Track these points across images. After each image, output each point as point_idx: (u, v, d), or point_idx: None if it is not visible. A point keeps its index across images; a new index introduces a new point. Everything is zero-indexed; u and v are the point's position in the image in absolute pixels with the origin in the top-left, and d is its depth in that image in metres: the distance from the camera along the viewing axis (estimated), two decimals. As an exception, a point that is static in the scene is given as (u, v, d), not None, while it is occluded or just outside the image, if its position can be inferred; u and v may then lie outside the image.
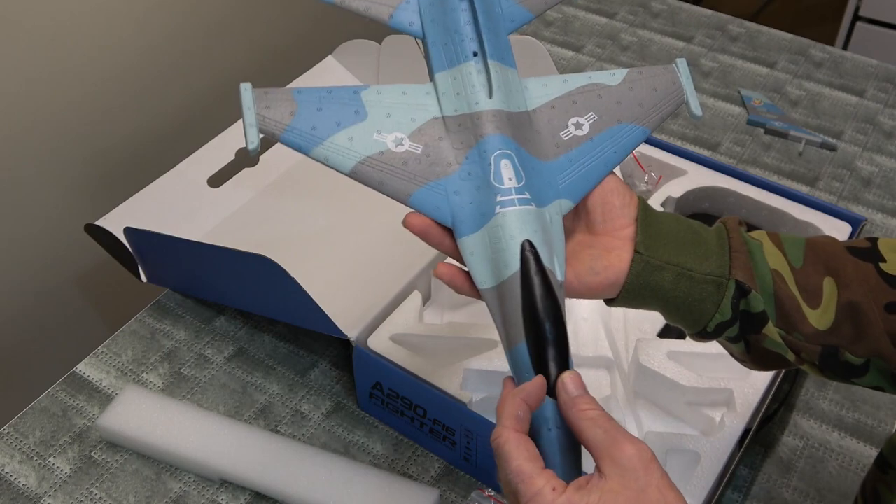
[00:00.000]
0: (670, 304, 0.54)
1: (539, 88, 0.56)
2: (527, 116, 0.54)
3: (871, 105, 1.19)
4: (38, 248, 1.00)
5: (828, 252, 0.55)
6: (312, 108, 0.53)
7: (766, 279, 0.54)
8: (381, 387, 0.78)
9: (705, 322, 0.54)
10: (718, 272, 0.53)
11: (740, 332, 0.55)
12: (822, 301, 0.54)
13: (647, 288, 0.54)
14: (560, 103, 0.55)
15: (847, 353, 0.54)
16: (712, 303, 0.54)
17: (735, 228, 0.56)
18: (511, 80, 0.55)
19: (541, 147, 0.54)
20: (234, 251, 0.78)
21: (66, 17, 0.93)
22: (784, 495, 0.77)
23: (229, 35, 1.14)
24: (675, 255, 0.54)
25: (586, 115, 0.55)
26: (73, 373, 0.85)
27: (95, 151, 1.03)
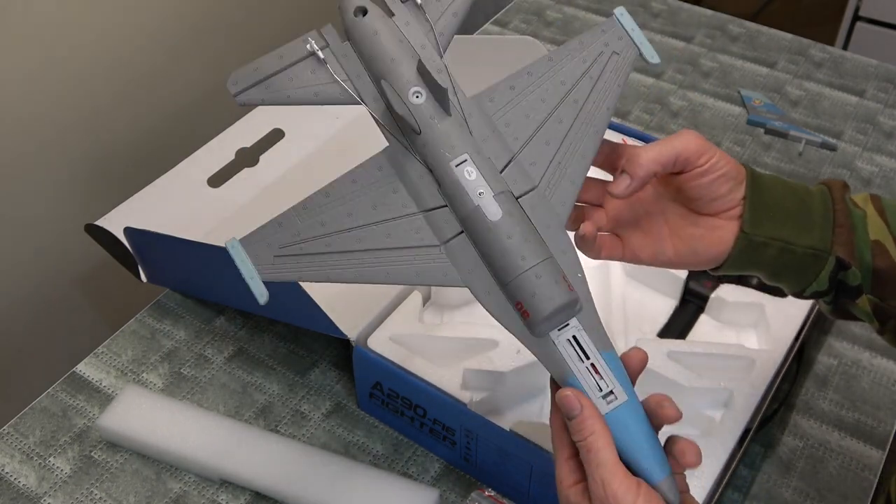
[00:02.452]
0: (770, 272, 0.57)
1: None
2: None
3: (871, 105, 1.19)
4: (38, 248, 1.00)
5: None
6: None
7: (865, 252, 0.55)
8: (381, 387, 0.78)
9: (802, 288, 0.57)
10: (820, 246, 0.55)
11: (834, 300, 0.57)
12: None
13: (750, 262, 0.56)
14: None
15: None
16: (812, 273, 0.56)
17: (840, 197, 0.56)
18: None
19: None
20: (234, 251, 0.78)
21: (65, 17, 0.93)
22: (784, 495, 0.77)
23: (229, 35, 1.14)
24: (779, 228, 0.55)
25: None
26: (73, 373, 0.85)
27: (95, 151, 1.03)
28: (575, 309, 0.50)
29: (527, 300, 0.49)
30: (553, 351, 0.50)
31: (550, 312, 0.49)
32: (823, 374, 0.86)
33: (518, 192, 0.52)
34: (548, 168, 0.53)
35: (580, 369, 0.50)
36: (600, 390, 0.49)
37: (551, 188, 0.53)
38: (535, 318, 0.49)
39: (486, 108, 0.55)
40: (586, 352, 0.50)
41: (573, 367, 0.50)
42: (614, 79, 0.55)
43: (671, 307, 0.87)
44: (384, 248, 0.52)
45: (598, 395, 0.49)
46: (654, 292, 0.89)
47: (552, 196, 0.53)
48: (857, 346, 0.88)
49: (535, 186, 0.53)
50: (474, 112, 0.54)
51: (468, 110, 0.54)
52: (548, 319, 0.49)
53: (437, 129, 0.52)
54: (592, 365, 0.50)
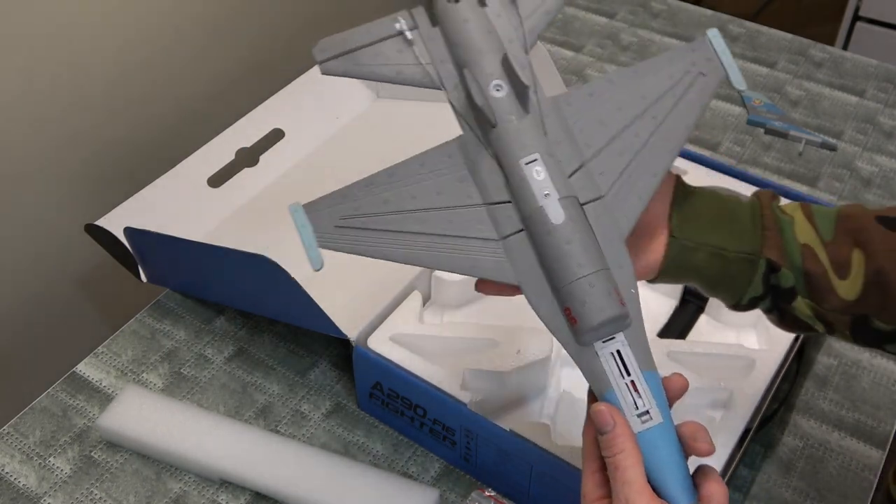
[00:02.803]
0: (706, 280, 0.58)
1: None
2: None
3: (871, 105, 1.19)
4: (38, 248, 1.00)
5: (857, 223, 0.56)
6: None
7: (795, 255, 0.56)
8: (381, 387, 0.78)
9: (740, 296, 0.58)
10: (750, 250, 0.56)
11: (772, 305, 0.58)
12: (850, 272, 0.55)
13: (684, 268, 0.57)
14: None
15: (876, 321, 0.56)
16: (745, 279, 0.57)
17: (768, 205, 0.57)
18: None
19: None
20: (234, 251, 0.78)
21: (65, 17, 0.93)
22: (784, 495, 0.77)
23: (229, 35, 1.14)
24: (709, 235, 0.56)
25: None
26: (73, 373, 0.85)
27: (95, 151, 1.03)
28: (623, 323, 0.49)
29: (576, 307, 0.49)
30: (595, 362, 0.50)
31: (599, 323, 0.48)
32: (823, 374, 0.86)
33: (584, 199, 0.51)
34: (617, 180, 0.52)
35: (619, 384, 0.49)
36: (636, 408, 0.49)
37: (618, 200, 0.52)
38: (583, 327, 0.49)
39: (563, 111, 0.54)
40: (628, 368, 0.49)
41: (613, 381, 0.49)
42: (697, 99, 0.54)
43: (671, 307, 0.87)
44: (443, 234, 0.52)
45: (633, 413, 0.49)
46: (654, 292, 0.89)
47: (617, 208, 0.52)
48: (857, 346, 0.88)
49: (601, 196, 0.52)
50: (551, 114, 0.53)
51: (545, 111, 0.53)
52: (595, 330, 0.49)
53: (513, 125, 0.52)
54: (632, 382, 0.49)
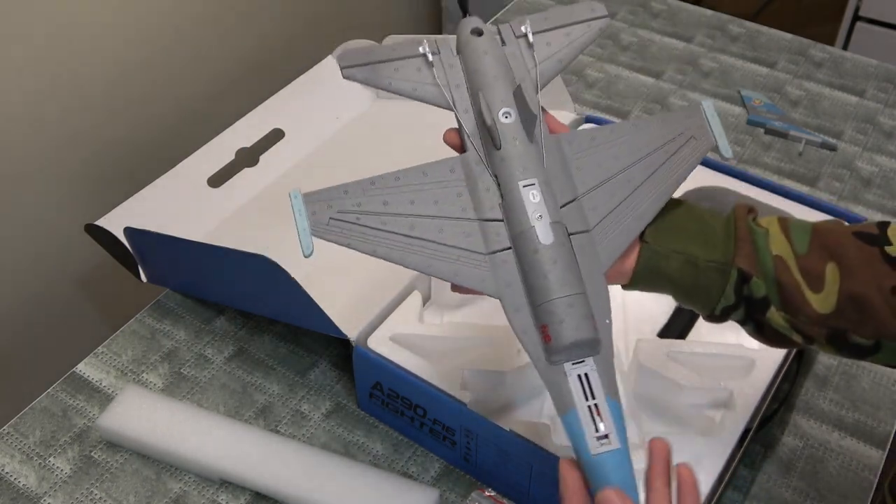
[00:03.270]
0: (678, 288, 0.58)
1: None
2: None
3: (871, 105, 1.19)
4: (38, 248, 1.00)
5: (833, 237, 0.57)
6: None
7: (768, 265, 0.56)
8: (381, 387, 0.78)
9: (712, 306, 0.58)
10: (722, 259, 0.56)
11: (746, 316, 0.58)
12: (824, 286, 0.55)
13: (656, 275, 0.57)
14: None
15: (855, 336, 0.56)
16: (717, 288, 0.57)
17: (743, 217, 0.58)
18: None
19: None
20: (234, 251, 0.78)
21: (65, 17, 0.93)
22: (784, 495, 0.77)
23: (229, 35, 1.14)
24: (682, 244, 0.57)
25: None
26: (73, 373, 0.85)
27: (95, 151, 1.03)
28: (595, 349, 0.51)
29: (553, 325, 0.51)
30: (562, 382, 0.51)
31: (572, 343, 0.51)
32: (823, 374, 0.86)
33: (572, 230, 0.54)
34: (605, 217, 0.56)
35: (582, 406, 0.50)
36: (596, 431, 0.50)
37: (603, 236, 0.55)
38: (556, 345, 0.51)
39: (564, 149, 0.57)
40: (594, 392, 0.51)
41: (577, 401, 0.51)
42: (687, 158, 0.58)
43: (671, 307, 0.87)
44: (434, 240, 0.55)
45: (593, 435, 0.50)
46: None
47: (601, 243, 0.55)
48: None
49: (588, 230, 0.55)
50: (552, 149, 0.57)
51: (548, 145, 0.57)
52: (567, 349, 0.51)
53: (517, 150, 0.55)
54: (596, 405, 0.51)
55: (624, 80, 1.23)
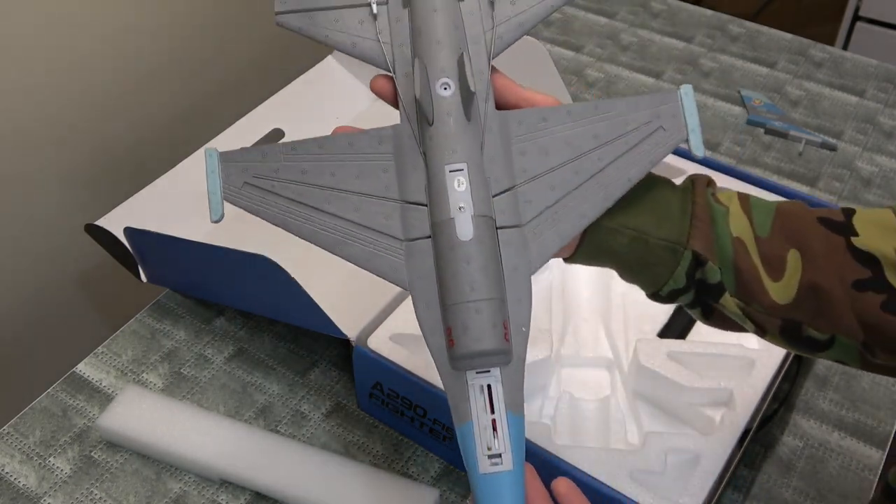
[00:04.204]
0: (624, 265, 0.53)
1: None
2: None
3: (871, 105, 1.19)
4: (38, 248, 1.00)
5: (797, 222, 0.53)
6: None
7: (726, 249, 0.52)
8: (381, 387, 0.78)
9: (659, 286, 0.53)
10: (675, 239, 0.51)
11: (696, 300, 0.54)
12: (784, 275, 0.52)
13: (602, 249, 0.53)
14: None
15: (810, 329, 0.52)
16: (666, 269, 0.52)
17: (701, 192, 0.53)
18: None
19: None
20: (234, 251, 0.78)
21: (64, 17, 0.93)
22: (784, 495, 0.77)
23: (229, 35, 1.14)
24: (632, 217, 0.52)
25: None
26: (73, 373, 0.85)
27: (96, 151, 1.03)
28: (502, 359, 0.47)
29: (457, 330, 0.46)
30: (462, 390, 0.47)
31: (473, 352, 0.46)
32: (823, 374, 0.86)
33: (501, 223, 0.49)
34: (542, 213, 0.50)
35: (480, 420, 0.47)
36: (489, 449, 0.46)
37: (535, 234, 0.50)
38: (458, 352, 0.46)
39: (509, 129, 0.51)
40: (494, 406, 0.47)
41: (475, 414, 0.47)
42: (649, 152, 0.51)
43: (671, 307, 0.87)
44: (349, 220, 0.50)
45: (485, 452, 0.46)
46: (654, 292, 0.89)
47: (533, 241, 0.49)
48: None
49: (519, 224, 0.49)
50: (495, 128, 0.51)
51: (490, 124, 0.51)
52: (468, 358, 0.46)
53: (449, 129, 0.49)
54: (494, 421, 0.46)
55: (624, 80, 1.23)
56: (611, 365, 0.82)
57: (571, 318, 0.85)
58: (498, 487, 0.46)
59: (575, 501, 0.50)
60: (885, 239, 0.51)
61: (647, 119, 0.51)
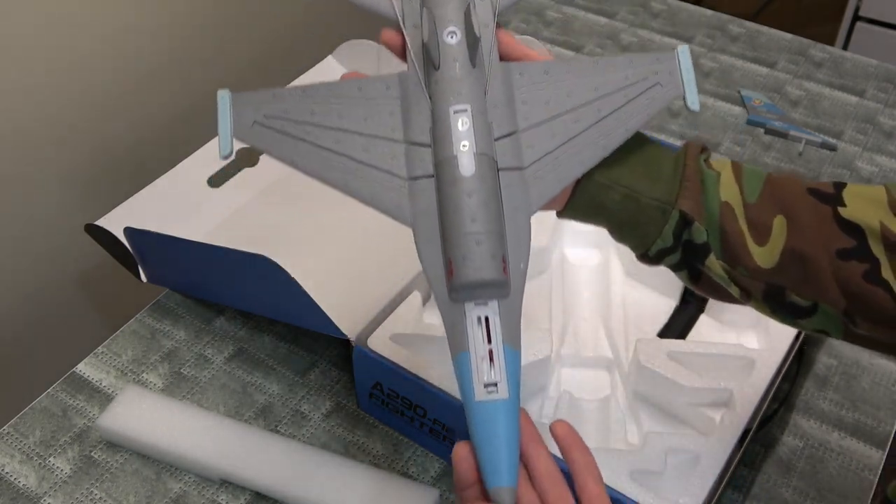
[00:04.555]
0: (614, 222, 0.55)
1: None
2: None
3: (871, 105, 1.19)
4: (38, 248, 1.00)
5: (786, 190, 0.54)
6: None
7: (713, 211, 0.53)
8: (381, 387, 0.78)
9: (647, 245, 0.54)
10: (665, 198, 0.53)
11: (682, 261, 0.55)
12: (769, 240, 0.53)
13: (593, 205, 0.54)
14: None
15: (793, 294, 0.53)
16: (655, 228, 0.53)
17: (693, 156, 0.54)
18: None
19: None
20: (234, 251, 0.78)
21: (64, 17, 0.93)
22: (784, 495, 0.77)
23: (229, 35, 1.14)
24: (625, 175, 0.53)
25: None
26: (73, 373, 0.85)
27: (96, 151, 1.03)
28: (500, 292, 0.48)
29: (457, 261, 0.48)
30: (460, 321, 0.48)
31: (472, 282, 0.47)
32: (823, 374, 0.86)
33: (502, 165, 0.51)
34: (543, 157, 0.52)
35: (477, 350, 0.48)
36: (486, 378, 0.47)
37: (536, 177, 0.52)
38: (457, 282, 0.48)
39: (512, 79, 0.53)
40: (491, 337, 0.48)
41: (472, 345, 0.48)
42: (646, 105, 0.53)
43: (671, 307, 0.87)
44: (355, 158, 0.52)
45: (481, 381, 0.47)
46: (654, 292, 0.89)
47: (533, 184, 0.51)
48: (858, 346, 0.88)
49: (521, 167, 0.52)
50: (499, 77, 0.53)
51: (494, 72, 0.53)
52: (467, 288, 0.48)
53: (455, 73, 0.51)
54: (490, 351, 0.48)
55: (624, 80, 1.23)
56: (611, 365, 0.82)
57: (571, 318, 0.85)
58: (493, 414, 0.47)
59: (574, 445, 0.50)
60: (871, 211, 0.52)
61: (645, 75, 0.54)
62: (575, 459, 0.50)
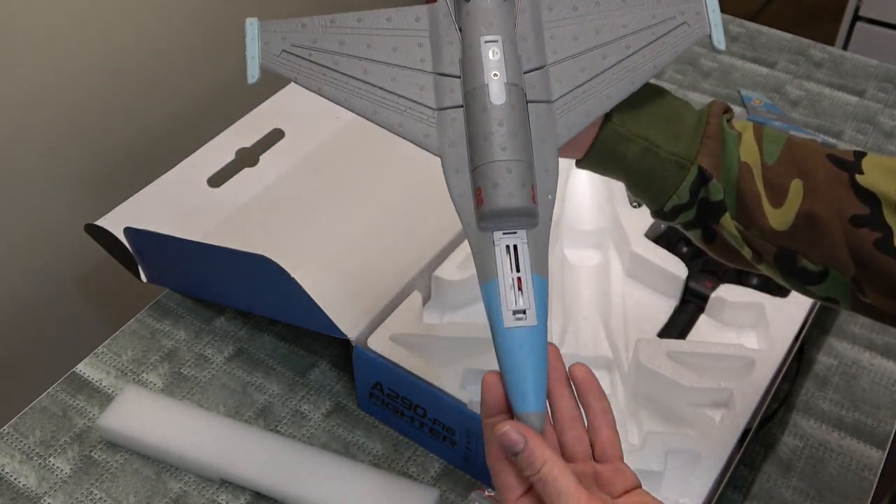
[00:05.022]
0: (632, 175, 0.55)
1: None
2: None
3: (871, 105, 1.19)
4: (38, 248, 1.00)
5: (805, 154, 0.54)
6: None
7: (732, 170, 0.53)
8: (381, 387, 0.78)
9: (663, 201, 0.54)
10: (684, 154, 0.53)
11: (697, 219, 0.55)
12: (785, 201, 0.53)
13: (613, 156, 0.54)
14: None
15: (804, 259, 0.53)
16: (672, 183, 0.53)
17: (716, 114, 0.55)
18: None
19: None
20: (234, 251, 0.78)
21: (65, 17, 0.93)
22: (784, 495, 0.77)
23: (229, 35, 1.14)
24: (646, 128, 0.53)
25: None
26: (73, 373, 0.85)
27: (96, 151, 1.03)
28: (529, 221, 0.49)
29: (487, 189, 0.48)
30: (489, 250, 0.49)
31: (503, 209, 0.48)
32: (823, 374, 0.86)
33: (531, 98, 0.52)
34: (571, 91, 0.52)
35: (505, 278, 0.48)
36: (515, 304, 0.47)
37: (565, 110, 0.52)
38: (487, 210, 0.48)
39: (541, 13, 0.54)
40: (519, 265, 0.48)
41: (500, 272, 0.48)
42: (673, 44, 0.54)
43: (671, 307, 0.87)
44: (384, 88, 0.52)
45: (510, 308, 0.47)
46: (654, 292, 0.89)
47: (562, 117, 0.52)
48: (857, 346, 0.88)
49: (549, 100, 0.52)
50: (528, 11, 0.53)
51: (523, 5, 0.53)
52: (497, 216, 0.48)
53: (486, 3, 0.52)
54: (518, 278, 0.48)
55: (624, 80, 1.23)
56: (611, 365, 0.82)
57: (571, 318, 0.85)
58: (522, 340, 0.47)
59: (591, 390, 0.50)
60: (889, 180, 0.52)
61: (672, 14, 0.54)
62: (591, 404, 0.50)
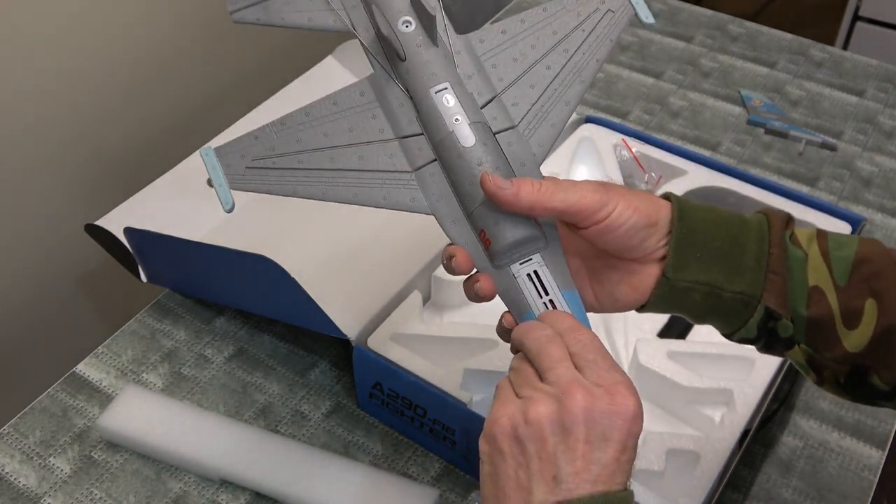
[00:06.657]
0: (698, 316, 0.54)
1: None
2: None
3: (871, 105, 1.19)
4: (38, 248, 1.00)
5: (875, 269, 0.51)
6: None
7: (800, 301, 0.51)
8: (381, 387, 0.78)
9: (729, 332, 0.54)
10: (750, 292, 0.51)
11: (765, 348, 0.55)
12: (860, 323, 0.51)
13: (673, 306, 0.54)
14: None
15: (875, 377, 0.52)
16: (738, 319, 0.53)
17: (778, 237, 0.52)
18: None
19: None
20: (234, 251, 0.78)
21: (65, 17, 0.93)
22: (784, 495, 0.77)
23: (229, 35, 1.14)
24: (705, 271, 0.51)
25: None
26: (73, 373, 0.85)
27: (95, 151, 1.03)
28: (538, 245, 0.50)
29: (490, 227, 0.49)
30: (513, 284, 0.49)
31: (511, 242, 0.49)
32: (823, 374, 0.86)
33: (496, 129, 0.52)
34: (530, 110, 0.53)
35: (538, 305, 0.49)
36: None
37: (531, 129, 0.53)
38: (496, 248, 0.49)
39: (475, 48, 0.55)
40: (546, 288, 0.49)
41: (531, 301, 0.49)
42: (607, 33, 0.55)
43: (671, 307, 0.87)
44: (354, 169, 0.52)
45: None
46: (654, 292, 0.89)
47: (531, 136, 0.53)
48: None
49: (514, 125, 0.53)
50: (462, 49, 0.54)
51: (456, 47, 0.54)
52: (509, 249, 0.49)
53: (422, 57, 0.53)
54: (551, 301, 0.49)
55: (624, 80, 1.23)
56: (611, 365, 0.82)
57: (571, 318, 0.85)
58: None
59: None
60: None
61: (594, 7, 0.56)
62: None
